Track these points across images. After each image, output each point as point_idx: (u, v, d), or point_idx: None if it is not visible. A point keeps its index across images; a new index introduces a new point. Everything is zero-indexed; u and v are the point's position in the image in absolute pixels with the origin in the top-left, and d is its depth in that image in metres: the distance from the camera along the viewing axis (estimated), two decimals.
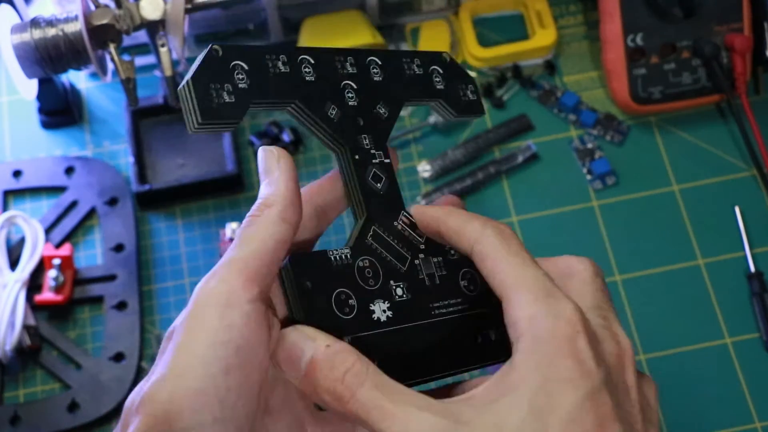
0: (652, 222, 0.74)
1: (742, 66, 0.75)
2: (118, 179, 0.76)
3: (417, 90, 0.46)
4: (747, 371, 0.68)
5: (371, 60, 0.45)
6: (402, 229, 0.43)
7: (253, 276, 0.38)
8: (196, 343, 0.37)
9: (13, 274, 0.70)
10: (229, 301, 0.37)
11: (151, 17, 0.68)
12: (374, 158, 0.44)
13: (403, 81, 0.46)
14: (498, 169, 0.76)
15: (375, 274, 0.42)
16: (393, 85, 0.45)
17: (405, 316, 0.41)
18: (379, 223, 0.43)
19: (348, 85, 0.44)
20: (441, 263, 0.44)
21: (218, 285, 0.37)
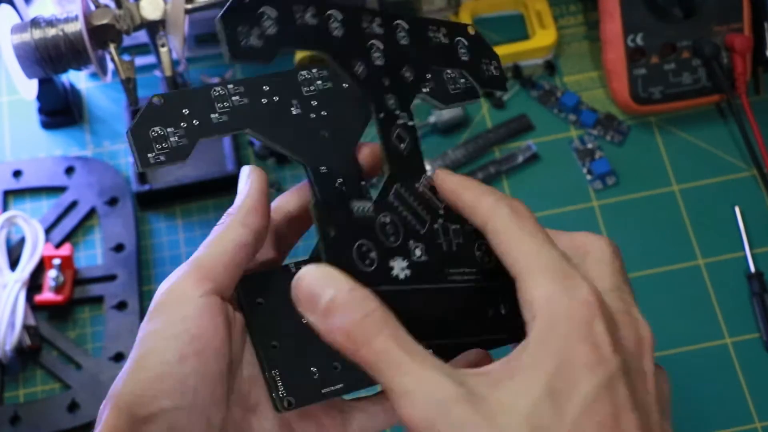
0: (652, 222, 0.74)
1: (742, 66, 0.75)
2: (118, 179, 0.76)
3: (441, 58, 0.46)
4: (747, 371, 0.68)
5: (398, 23, 0.45)
6: (423, 192, 0.44)
7: (207, 274, 0.41)
8: (154, 335, 0.40)
9: (13, 274, 0.70)
10: (183, 296, 0.40)
11: (151, 17, 0.68)
12: (398, 119, 0.44)
13: (429, 47, 0.46)
14: (498, 169, 0.76)
15: (395, 231, 0.42)
16: (419, 50, 0.45)
17: (422, 278, 0.42)
18: (401, 182, 0.43)
19: (374, 44, 0.44)
20: (458, 231, 0.44)
21: (175, 283, 0.41)
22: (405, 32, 0.45)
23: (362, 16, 0.44)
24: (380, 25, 0.45)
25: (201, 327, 0.40)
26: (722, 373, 0.68)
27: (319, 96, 0.45)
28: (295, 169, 0.77)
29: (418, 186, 0.44)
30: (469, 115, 0.78)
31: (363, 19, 0.44)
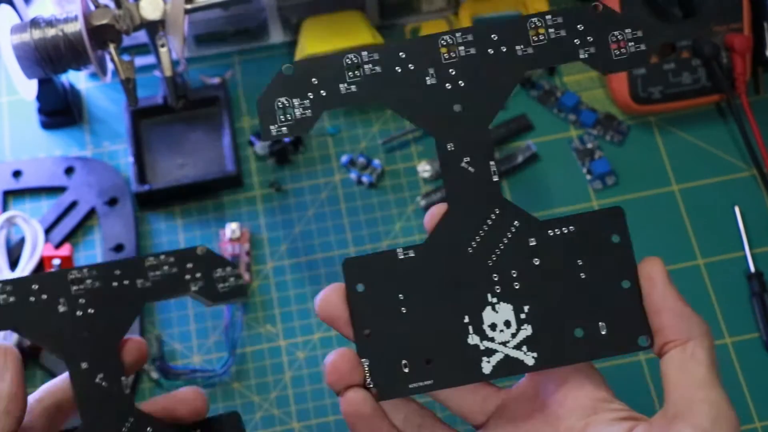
0: (651, 222, 0.74)
1: (742, 66, 0.75)
2: (117, 179, 0.76)
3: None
4: (747, 371, 0.68)
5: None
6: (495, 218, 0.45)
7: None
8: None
9: (13, 274, 0.70)
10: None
11: (151, 17, 0.68)
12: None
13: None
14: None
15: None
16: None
17: None
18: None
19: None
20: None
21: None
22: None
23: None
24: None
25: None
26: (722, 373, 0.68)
27: (459, 64, 0.44)
28: (294, 170, 0.77)
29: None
30: None
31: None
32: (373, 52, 0.44)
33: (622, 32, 0.45)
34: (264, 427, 0.67)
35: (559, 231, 0.44)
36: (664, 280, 0.43)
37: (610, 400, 0.43)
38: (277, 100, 0.43)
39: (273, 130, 0.43)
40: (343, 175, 0.76)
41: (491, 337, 0.43)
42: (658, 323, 0.42)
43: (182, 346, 0.70)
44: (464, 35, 0.44)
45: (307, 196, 0.76)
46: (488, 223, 0.44)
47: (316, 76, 0.43)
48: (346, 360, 0.42)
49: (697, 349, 0.41)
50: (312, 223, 0.74)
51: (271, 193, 0.76)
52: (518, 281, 0.44)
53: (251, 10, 0.78)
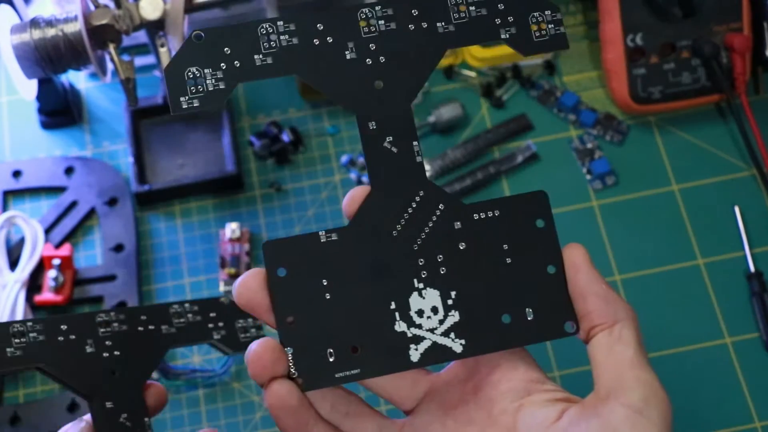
0: (652, 222, 0.74)
1: (742, 66, 0.75)
2: (117, 179, 0.76)
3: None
4: (747, 371, 0.68)
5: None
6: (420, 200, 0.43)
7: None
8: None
9: (13, 274, 0.70)
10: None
11: (151, 17, 0.68)
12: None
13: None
14: (498, 169, 0.76)
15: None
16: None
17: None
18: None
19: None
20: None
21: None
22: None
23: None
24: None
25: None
26: (722, 373, 0.68)
27: (379, 39, 0.43)
28: (294, 170, 0.77)
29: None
30: (469, 114, 0.78)
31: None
32: (289, 22, 0.42)
33: (542, 14, 0.44)
34: (264, 427, 0.67)
35: (484, 215, 0.43)
36: (587, 265, 0.43)
37: (542, 381, 0.43)
38: (187, 69, 0.41)
39: (183, 102, 0.40)
40: (343, 175, 0.76)
41: (418, 323, 0.42)
42: (584, 308, 0.42)
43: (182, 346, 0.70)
44: (384, 9, 0.43)
45: (307, 196, 0.76)
46: (412, 206, 0.43)
47: (229, 45, 0.41)
48: (269, 350, 0.41)
49: (624, 331, 0.41)
50: (312, 222, 0.74)
51: (271, 193, 0.76)
52: (444, 266, 0.42)
53: (251, 10, 0.77)
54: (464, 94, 0.79)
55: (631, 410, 0.40)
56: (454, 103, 0.77)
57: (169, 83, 0.41)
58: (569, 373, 0.68)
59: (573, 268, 0.43)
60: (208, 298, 0.51)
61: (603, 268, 0.72)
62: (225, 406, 0.68)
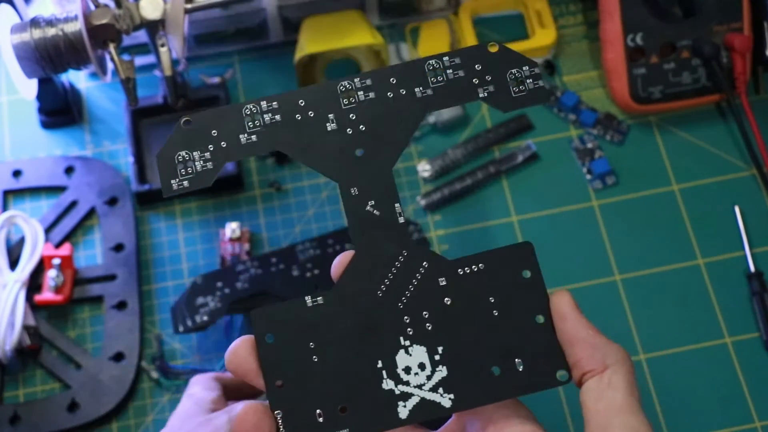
0: (652, 222, 0.74)
1: (742, 66, 0.75)
2: (117, 179, 0.76)
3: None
4: (747, 371, 0.68)
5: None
6: (404, 260, 0.44)
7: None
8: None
9: (13, 274, 0.70)
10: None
11: (151, 17, 0.68)
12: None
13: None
14: (498, 168, 0.76)
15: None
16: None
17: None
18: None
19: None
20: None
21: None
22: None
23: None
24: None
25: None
26: (722, 373, 0.68)
27: (359, 108, 0.44)
28: (294, 169, 0.77)
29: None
30: (469, 114, 0.78)
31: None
32: (272, 101, 0.44)
33: (519, 70, 0.45)
34: None
35: (468, 269, 0.44)
36: (574, 312, 0.43)
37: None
38: (177, 153, 0.43)
39: (174, 184, 0.43)
40: None
41: (406, 380, 0.42)
42: (573, 356, 0.42)
43: (182, 346, 0.70)
44: (363, 80, 0.45)
45: (307, 196, 0.76)
46: (396, 265, 0.44)
47: (216, 127, 0.43)
48: (254, 413, 0.41)
49: (615, 376, 0.41)
50: (312, 222, 0.74)
51: (271, 192, 0.76)
52: (430, 322, 0.43)
53: (251, 10, 0.77)
54: None
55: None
56: None
57: (160, 168, 0.43)
58: None
59: (559, 316, 0.43)
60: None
61: (603, 268, 0.72)
62: None
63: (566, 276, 0.72)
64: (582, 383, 0.42)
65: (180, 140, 0.43)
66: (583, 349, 0.42)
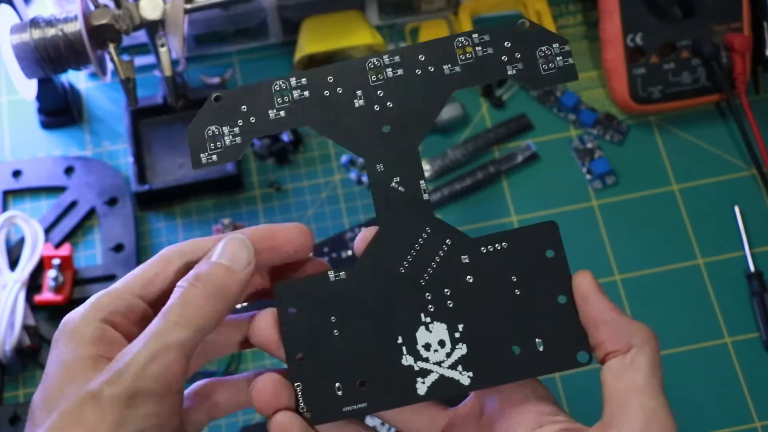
0: (652, 222, 0.74)
1: (742, 66, 0.75)
2: (117, 179, 0.76)
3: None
4: (747, 371, 0.68)
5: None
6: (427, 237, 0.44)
7: (190, 360, 0.41)
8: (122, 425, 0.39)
9: (13, 274, 0.70)
10: (167, 389, 0.39)
11: (151, 17, 0.68)
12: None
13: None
14: (498, 168, 0.76)
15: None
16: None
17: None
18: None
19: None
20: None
21: (161, 373, 0.39)
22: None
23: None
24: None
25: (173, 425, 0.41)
26: (722, 373, 0.68)
27: (387, 85, 0.45)
28: (294, 170, 0.77)
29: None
30: (469, 114, 0.78)
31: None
32: (301, 77, 0.44)
33: (549, 47, 0.45)
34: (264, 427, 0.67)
35: (492, 248, 0.44)
36: (596, 293, 0.42)
37: (554, 413, 0.43)
38: (207, 128, 0.44)
39: (203, 158, 0.44)
40: (343, 175, 0.76)
41: (425, 357, 0.43)
42: (597, 337, 0.42)
43: None
44: (391, 57, 0.45)
45: (307, 196, 0.76)
46: (419, 242, 0.44)
47: (245, 103, 0.44)
48: (274, 383, 0.42)
49: (638, 357, 0.41)
50: (312, 222, 0.74)
51: (271, 192, 0.76)
52: (452, 299, 0.43)
53: (251, 10, 0.77)
54: (464, 94, 0.79)
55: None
56: (454, 103, 0.77)
57: (190, 142, 0.44)
58: None
59: (581, 297, 0.42)
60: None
61: (603, 268, 0.72)
62: None
63: None
64: (604, 362, 0.42)
65: (210, 115, 0.44)
66: (606, 331, 0.41)
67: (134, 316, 0.42)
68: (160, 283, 0.43)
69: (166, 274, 0.43)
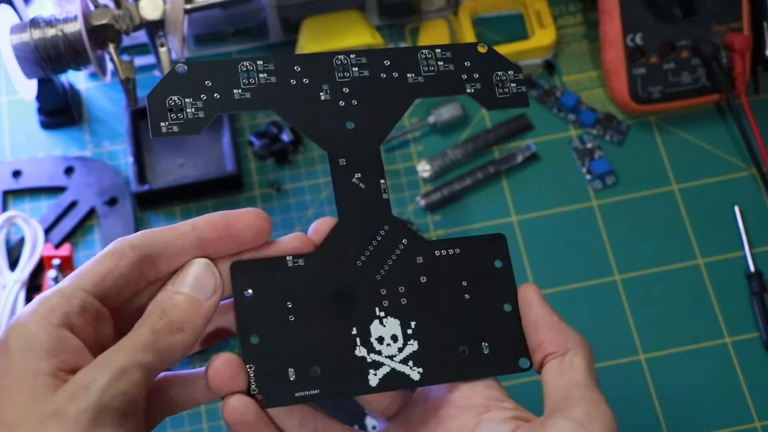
0: (651, 222, 0.74)
1: (742, 65, 0.75)
2: (117, 179, 0.76)
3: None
4: (747, 371, 0.68)
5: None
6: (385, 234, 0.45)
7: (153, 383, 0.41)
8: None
9: (13, 274, 0.70)
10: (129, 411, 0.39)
11: (151, 17, 0.68)
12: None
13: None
14: (498, 168, 0.76)
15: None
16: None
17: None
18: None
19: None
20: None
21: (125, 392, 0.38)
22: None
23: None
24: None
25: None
26: (722, 373, 0.68)
27: (353, 83, 0.46)
28: (294, 170, 0.77)
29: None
30: (469, 114, 0.78)
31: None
32: (268, 61, 0.44)
33: (505, 73, 0.47)
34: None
35: (445, 252, 0.45)
36: (539, 300, 0.45)
37: (502, 399, 0.44)
38: (168, 97, 0.43)
39: (163, 127, 0.43)
40: None
41: (378, 350, 0.43)
42: (537, 339, 0.44)
43: None
44: (358, 57, 0.46)
45: (307, 196, 0.76)
46: (377, 239, 0.45)
47: (210, 78, 0.44)
48: (229, 365, 0.41)
49: (575, 358, 0.43)
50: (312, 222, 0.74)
51: (271, 193, 0.76)
52: (405, 297, 0.44)
53: (251, 10, 0.77)
54: None
55: (575, 422, 0.41)
56: (454, 102, 0.77)
57: (150, 109, 0.43)
58: None
59: (526, 303, 0.45)
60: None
61: (603, 268, 0.72)
62: None
63: (566, 276, 0.72)
64: (544, 365, 0.43)
65: (172, 84, 0.43)
66: (546, 333, 0.44)
67: (89, 316, 0.40)
68: (113, 279, 0.41)
69: (119, 270, 0.41)
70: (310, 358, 0.42)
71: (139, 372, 0.38)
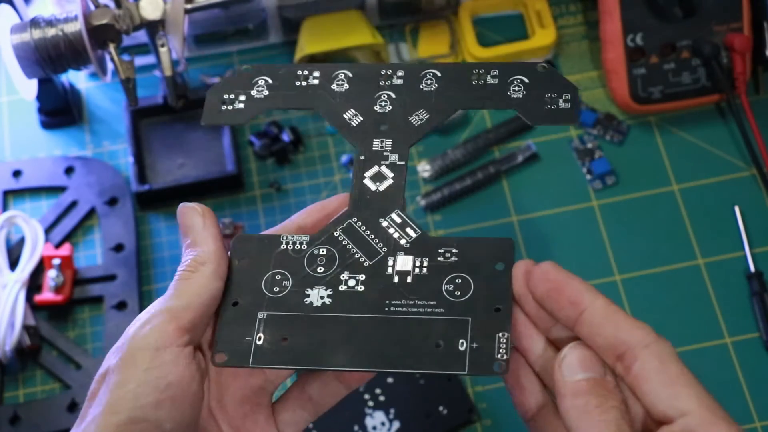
0: (652, 222, 0.74)
1: (742, 66, 0.75)
2: (117, 179, 0.76)
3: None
4: (747, 371, 0.68)
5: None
6: (387, 226, 0.45)
7: (185, 325, 0.42)
8: (129, 381, 0.40)
9: (13, 274, 0.70)
10: (160, 344, 0.41)
11: (151, 17, 0.68)
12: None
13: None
14: (498, 168, 0.76)
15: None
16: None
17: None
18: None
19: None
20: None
21: (151, 331, 0.41)
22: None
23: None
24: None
25: (177, 376, 0.41)
26: (722, 373, 0.68)
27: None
28: (294, 170, 0.77)
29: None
30: (469, 114, 0.78)
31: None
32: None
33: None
34: None
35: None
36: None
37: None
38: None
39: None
40: (343, 175, 0.76)
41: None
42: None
43: None
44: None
45: (307, 196, 0.76)
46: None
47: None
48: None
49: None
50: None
51: (271, 192, 0.76)
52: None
53: (251, 10, 0.78)
54: None
55: None
56: None
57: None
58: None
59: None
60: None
61: (603, 268, 0.72)
62: None
63: None
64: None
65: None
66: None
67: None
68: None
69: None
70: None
71: (161, 316, 0.41)
